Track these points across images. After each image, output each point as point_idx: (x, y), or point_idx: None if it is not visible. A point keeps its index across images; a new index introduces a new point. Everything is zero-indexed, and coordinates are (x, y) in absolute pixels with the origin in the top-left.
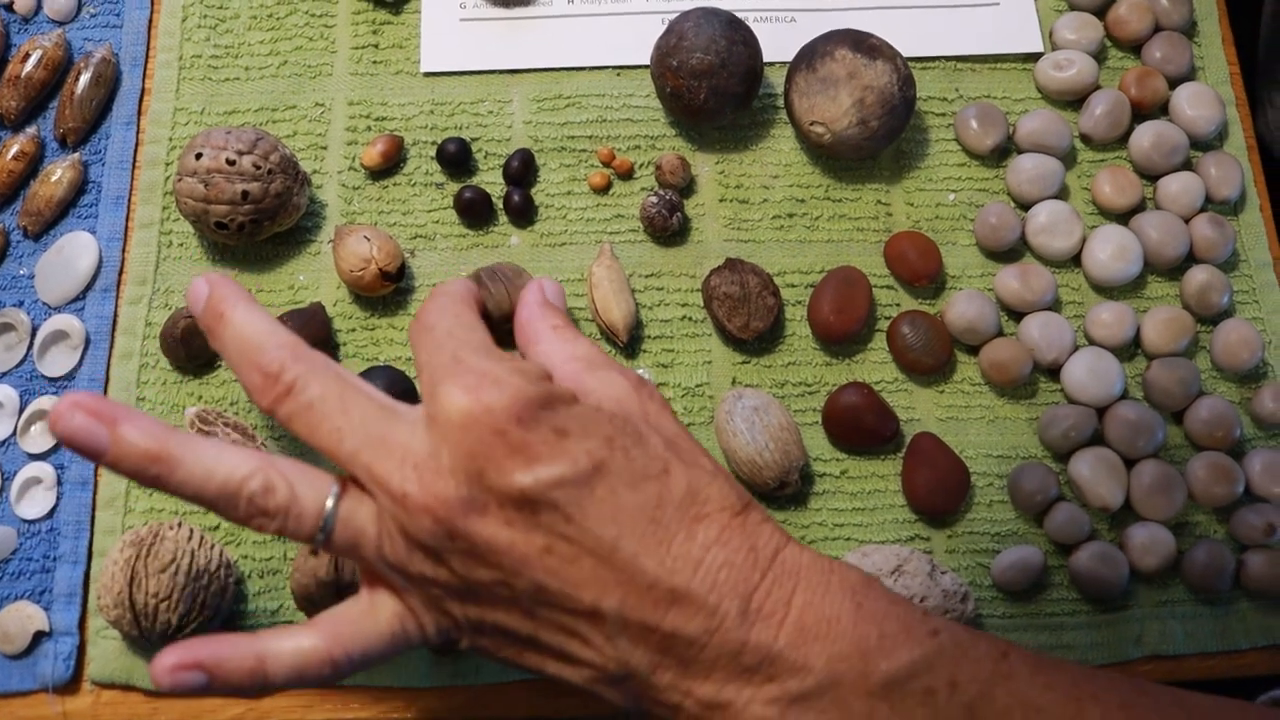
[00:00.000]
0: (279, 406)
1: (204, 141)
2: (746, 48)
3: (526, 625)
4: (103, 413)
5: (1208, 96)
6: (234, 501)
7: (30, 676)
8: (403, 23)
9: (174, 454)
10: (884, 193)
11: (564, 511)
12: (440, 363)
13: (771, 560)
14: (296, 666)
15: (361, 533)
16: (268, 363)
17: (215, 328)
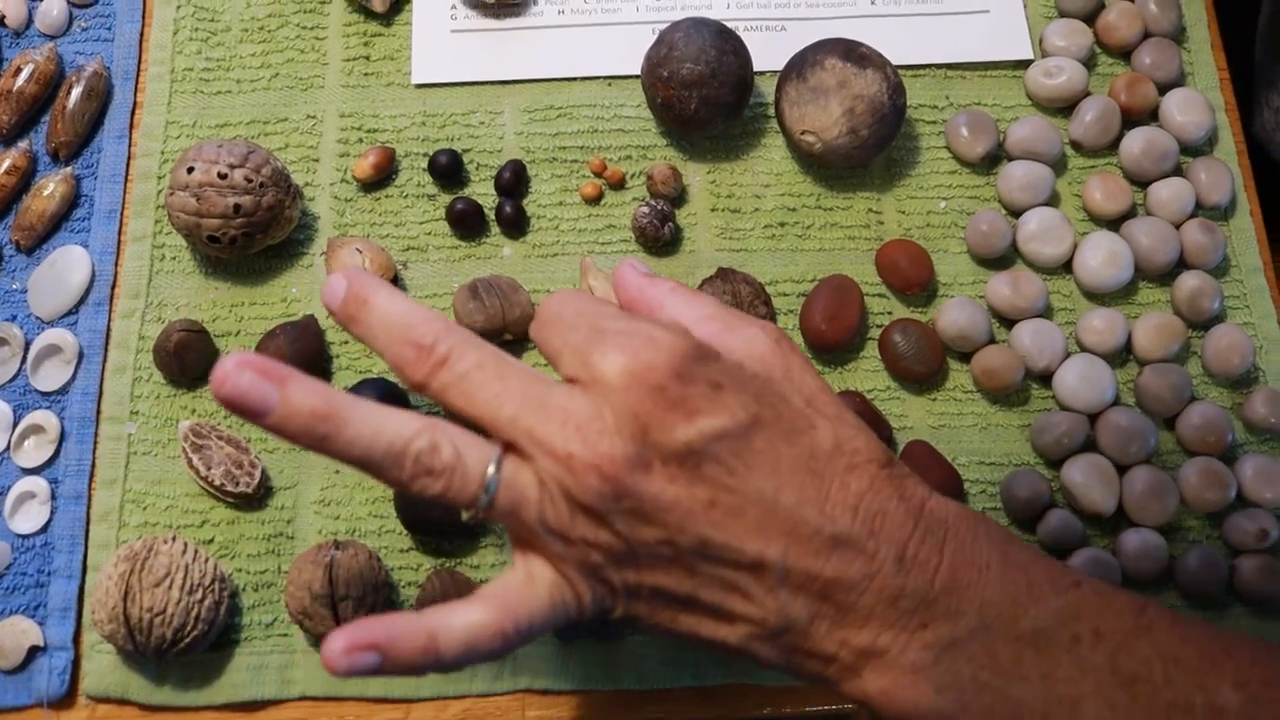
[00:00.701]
0: (434, 378)
1: (195, 155)
2: (737, 57)
3: (687, 584)
4: (270, 371)
5: (1197, 102)
6: (400, 461)
7: (25, 692)
8: (394, 34)
9: (342, 413)
10: (875, 201)
11: (726, 464)
12: (582, 336)
13: (920, 510)
14: (468, 641)
15: (523, 496)
16: (421, 336)
17: (359, 314)
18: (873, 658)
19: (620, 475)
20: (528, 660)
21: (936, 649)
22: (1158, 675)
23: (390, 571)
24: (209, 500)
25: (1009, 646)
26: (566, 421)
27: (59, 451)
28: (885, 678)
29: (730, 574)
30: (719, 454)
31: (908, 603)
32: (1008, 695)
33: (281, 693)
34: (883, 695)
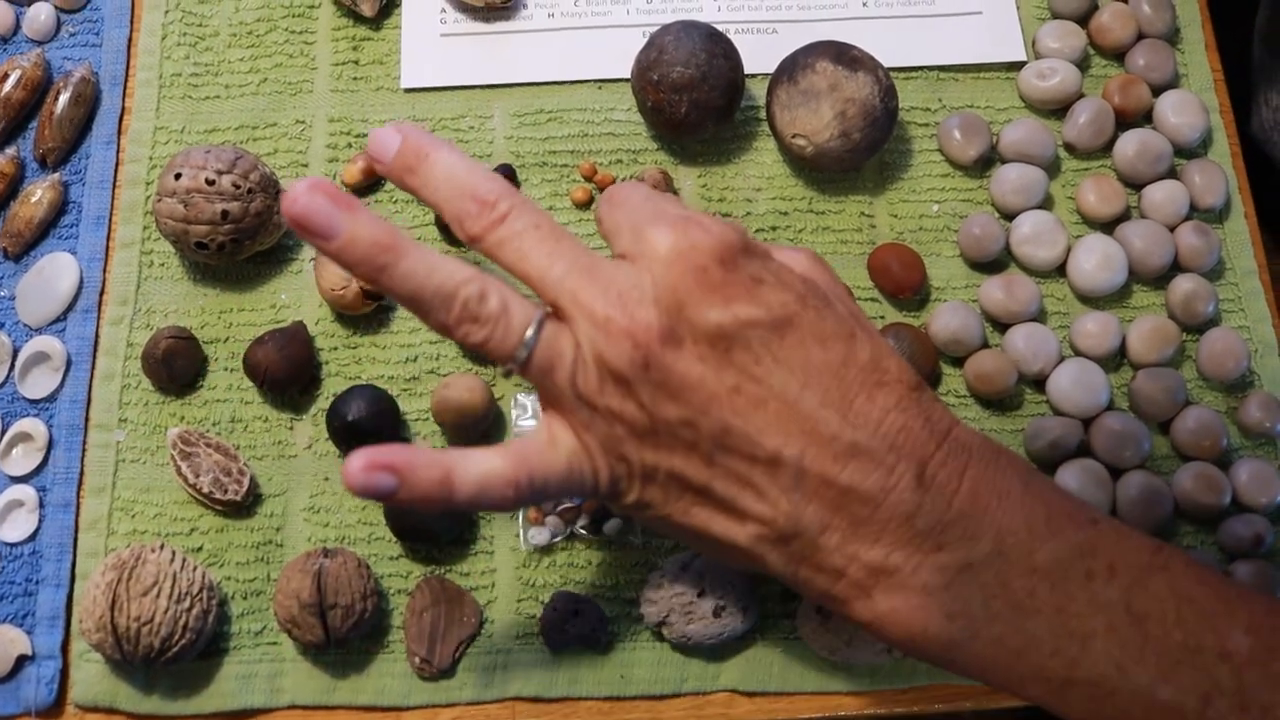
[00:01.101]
0: (492, 232)
1: (183, 161)
2: (727, 60)
3: (703, 473)
4: (340, 198)
5: (1192, 104)
6: (449, 303)
7: (13, 700)
8: (383, 38)
9: (402, 245)
10: (867, 204)
11: (754, 352)
12: (642, 215)
13: (945, 434)
14: (481, 483)
15: (560, 356)
16: (485, 191)
17: (418, 165)
18: (883, 576)
19: (652, 345)
20: (517, 668)
21: (950, 572)
22: (1170, 615)
23: (379, 579)
24: (198, 508)
25: (1023, 577)
26: (609, 288)
27: (47, 459)
28: (895, 598)
29: (746, 468)
30: (750, 340)
31: (923, 522)
32: (1019, 626)
33: (270, 701)
34: (891, 616)
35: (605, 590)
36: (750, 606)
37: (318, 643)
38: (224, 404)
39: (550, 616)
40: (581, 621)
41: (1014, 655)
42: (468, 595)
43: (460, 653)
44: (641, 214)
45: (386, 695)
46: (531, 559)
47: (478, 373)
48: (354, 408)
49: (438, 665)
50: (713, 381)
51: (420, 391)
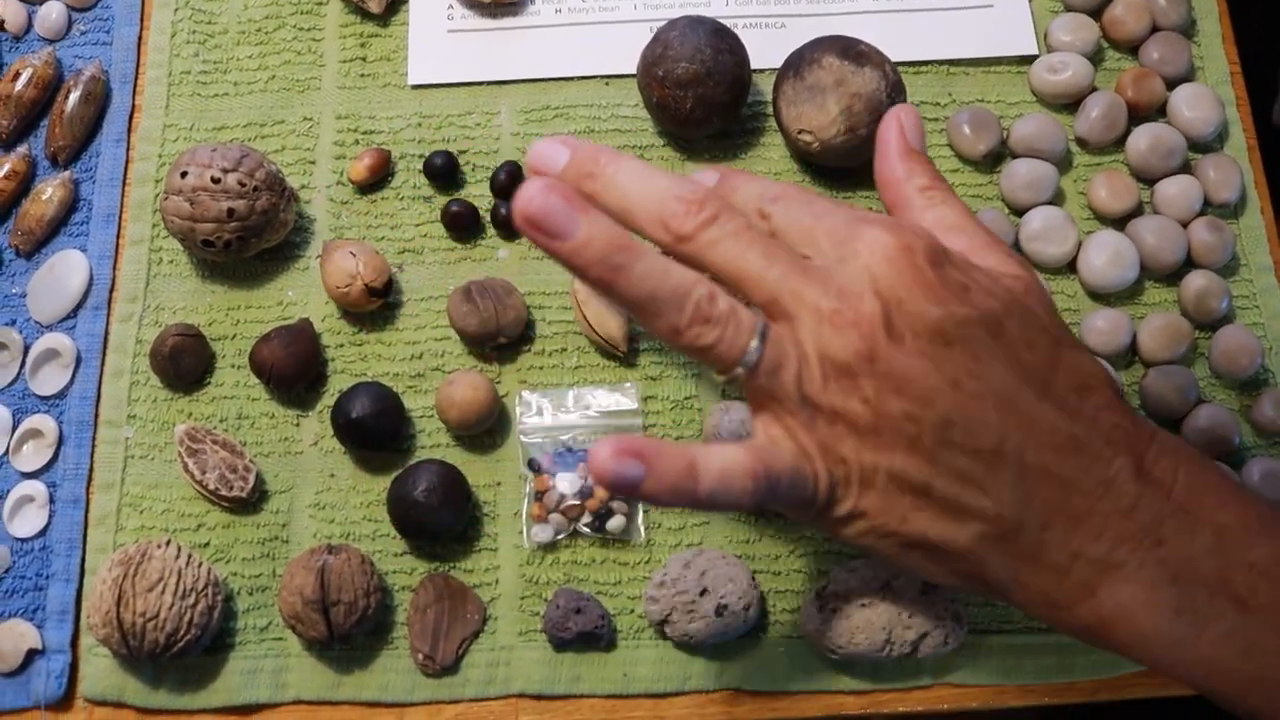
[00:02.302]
0: (703, 231)
1: (189, 160)
2: (733, 56)
3: (924, 470)
4: (574, 198)
5: (1207, 97)
6: (682, 304)
7: (23, 694)
8: (390, 35)
9: (638, 246)
10: (875, 200)
11: (971, 350)
12: (841, 218)
13: (1153, 434)
14: (723, 475)
15: (785, 355)
16: (689, 192)
17: (599, 170)
18: (1109, 571)
19: (876, 336)
20: (520, 665)
21: (1173, 565)
22: None
23: (383, 576)
24: (205, 504)
25: (1243, 573)
26: (829, 283)
27: (57, 455)
28: (1122, 593)
29: (968, 462)
30: (967, 338)
31: (1144, 516)
32: (1243, 623)
33: (276, 696)
34: (1120, 614)
35: (608, 588)
36: (753, 605)
37: (321, 639)
38: (231, 401)
39: (553, 614)
40: (584, 619)
41: (1241, 655)
42: (471, 592)
43: (463, 649)
44: (838, 217)
45: (390, 691)
46: (535, 556)
47: (482, 370)
48: (359, 405)
49: (441, 662)
50: (934, 375)
51: (425, 388)
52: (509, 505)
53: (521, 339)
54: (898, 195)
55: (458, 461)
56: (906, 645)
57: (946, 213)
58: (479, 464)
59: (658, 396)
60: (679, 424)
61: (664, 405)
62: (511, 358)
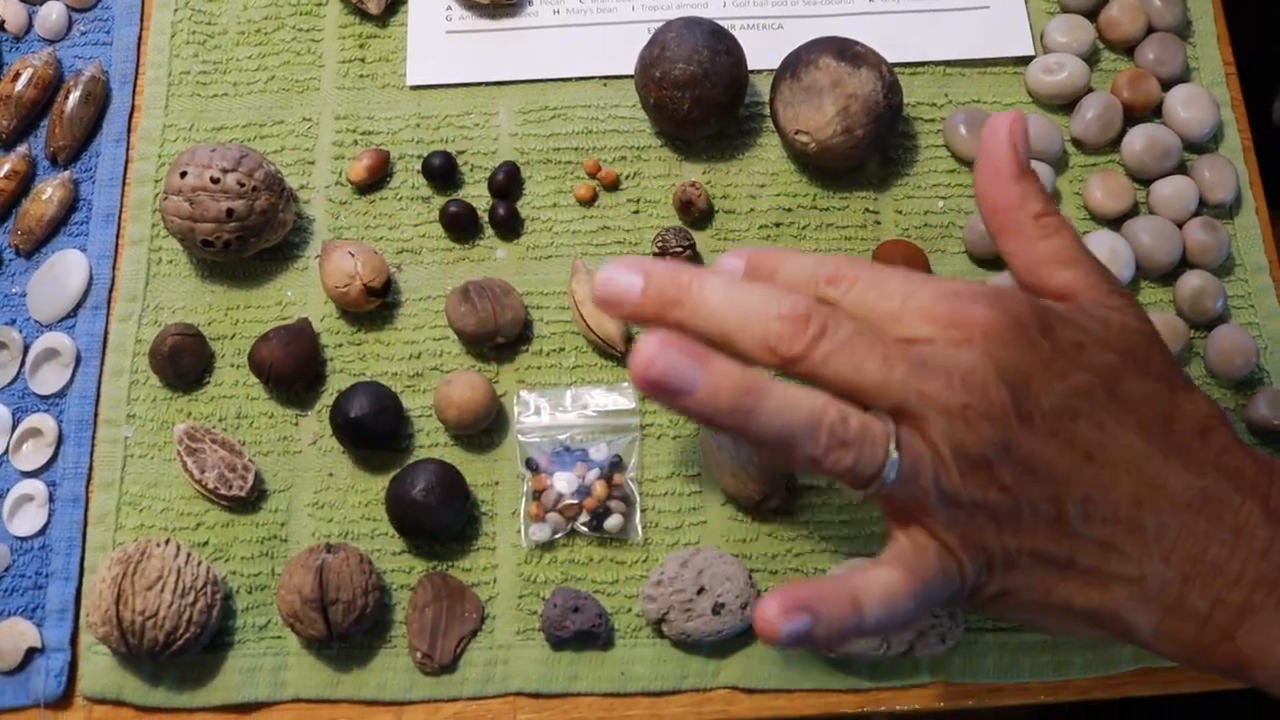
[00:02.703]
0: (816, 348)
1: (188, 160)
2: (730, 57)
3: (1066, 545)
4: (691, 349)
5: (1202, 98)
6: (816, 432)
7: (23, 692)
8: (389, 36)
9: (763, 385)
10: (872, 200)
11: (1097, 418)
12: (927, 297)
13: (1270, 468)
14: (886, 600)
15: (920, 460)
16: (789, 308)
17: (683, 295)
18: (1247, 615)
19: (1009, 423)
20: (518, 664)
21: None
22: None
23: (382, 575)
24: (204, 503)
25: None
26: (952, 376)
27: (57, 454)
28: (1262, 635)
29: (1109, 532)
30: (1091, 410)
31: (1277, 556)
32: None
33: (275, 694)
34: (1259, 655)
35: (605, 587)
36: (750, 604)
37: (320, 637)
38: (230, 400)
39: (551, 613)
40: (582, 618)
41: None
42: (469, 591)
43: (462, 648)
44: (923, 293)
45: (388, 690)
46: (532, 555)
47: (480, 370)
48: (358, 404)
49: (439, 660)
50: (1068, 453)
51: (423, 388)
52: (507, 504)
53: (519, 339)
54: (1009, 221)
55: (456, 461)
56: (903, 644)
57: (1061, 245)
58: (477, 463)
59: None
60: (675, 423)
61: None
62: (509, 357)
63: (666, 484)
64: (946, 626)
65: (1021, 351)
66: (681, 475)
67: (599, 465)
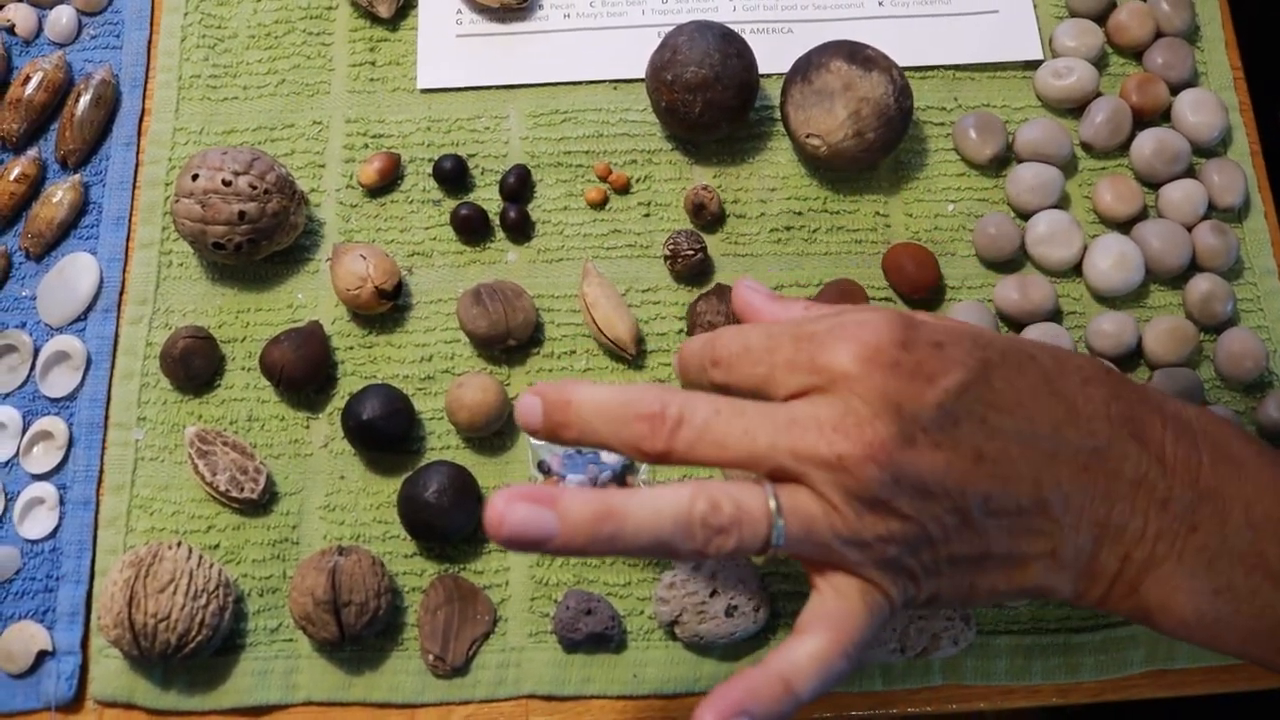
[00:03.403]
0: (676, 440)
1: (200, 163)
2: (741, 60)
3: (978, 543)
4: (538, 495)
5: (1210, 102)
6: (690, 531)
7: (34, 696)
8: (400, 39)
9: (618, 507)
10: (882, 204)
11: (977, 415)
12: (789, 351)
13: (1164, 413)
14: (819, 672)
15: (810, 517)
16: (646, 406)
17: (566, 417)
18: (1151, 568)
19: (894, 456)
20: (530, 667)
21: (1208, 553)
22: None
23: (394, 577)
24: (215, 506)
25: (1276, 547)
26: (822, 427)
27: (67, 457)
28: (1164, 586)
29: (1015, 520)
30: (970, 408)
31: (1177, 506)
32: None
33: (286, 697)
34: (1162, 606)
35: (618, 589)
36: (762, 606)
37: (332, 640)
38: (241, 403)
39: (563, 615)
40: (595, 620)
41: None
42: (481, 593)
43: (474, 650)
44: (785, 351)
45: (400, 692)
46: (544, 558)
47: (491, 372)
48: (369, 406)
49: (451, 663)
50: (959, 461)
51: (435, 391)
52: None
53: (530, 341)
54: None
55: (467, 463)
56: (917, 646)
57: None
58: (488, 466)
59: None
60: None
61: None
62: (521, 360)
63: None
64: (959, 629)
65: (886, 378)
66: (693, 477)
67: (611, 468)
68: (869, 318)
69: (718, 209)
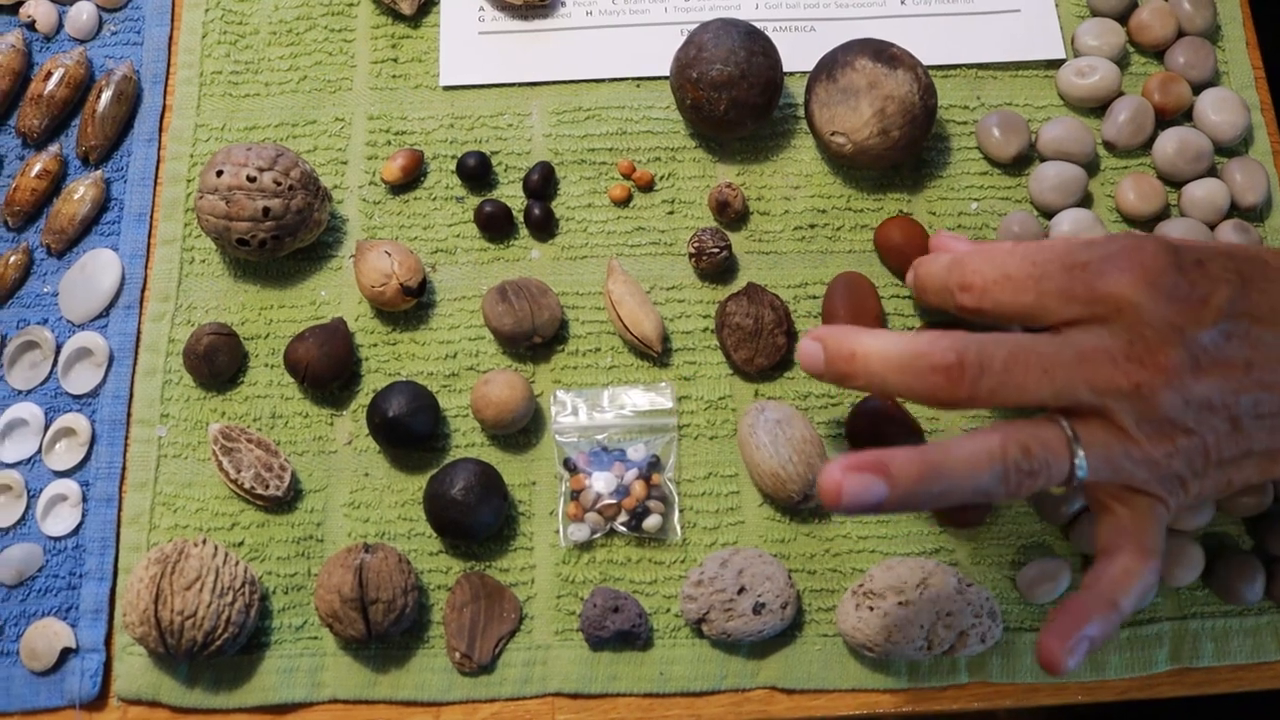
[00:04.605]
0: (978, 389)
1: (224, 158)
2: (766, 58)
3: (1243, 443)
4: (867, 462)
5: (1232, 101)
6: (1006, 478)
7: (58, 693)
8: (421, 36)
9: (940, 461)
10: (906, 202)
11: (1244, 327)
12: (1061, 279)
13: None
14: (1136, 585)
15: (1107, 447)
16: (940, 358)
17: (849, 368)
18: None
19: (1185, 380)
20: (557, 664)
21: None
22: None
23: (420, 574)
24: (239, 503)
25: None
26: (1115, 359)
27: (90, 454)
28: None
29: (1276, 419)
30: (1237, 322)
31: None
32: None
33: (312, 695)
34: None
35: (645, 587)
36: (790, 604)
37: (359, 637)
38: (265, 400)
39: (590, 613)
40: (621, 618)
41: None
42: (507, 591)
43: (500, 648)
44: (1056, 279)
45: (426, 690)
46: (571, 555)
47: (517, 369)
48: (394, 403)
49: (478, 660)
50: (1233, 373)
51: (460, 388)
52: (544, 504)
53: (555, 339)
54: None
55: (492, 461)
56: (944, 643)
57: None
58: (514, 463)
59: (692, 396)
60: (713, 423)
61: (698, 405)
62: (545, 357)
63: (704, 484)
64: (986, 626)
65: (1167, 304)
66: (719, 475)
67: (637, 465)
68: (1138, 244)
69: (741, 207)
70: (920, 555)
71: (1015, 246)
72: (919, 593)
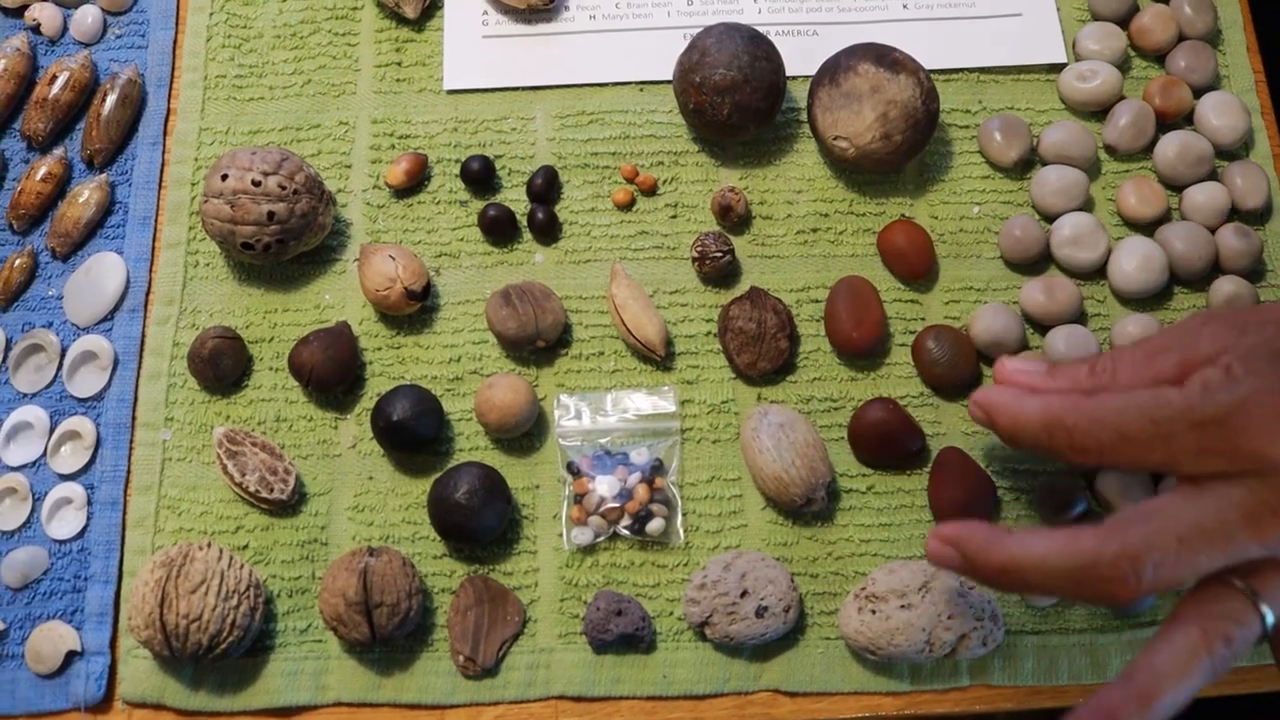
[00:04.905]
0: (1154, 584)
1: (229, 162)
2: (769, 63)
3: None
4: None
5: (1233, 105)
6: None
7: (63, 696)
8: (425, 40)
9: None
10: (908, 206)
11: None
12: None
13: None
14: None
15: None
16: (1111, 569)
17: (1002, 580)
18: None
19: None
20: (560, 667)
21: None
22: None
23: (424, 578)
24: (243, 506)
25: None
26: (1275, 510)
27: (95, 457)
28: None
29: None
30: None
31: None
32: None
33: (316, 698)
34: None
35: (648, 590)
36: (792, 607)
37: (363, 640)
38: (269, 403)
39: (594, 616)
40: (624, 621)
41: None
42: (511, 594)
43: (504, 651)
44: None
45: (430, 693)
46: (574, 559)
47: (521, 373)
48: (399, 407)
49: (481, 664)
50: None
51: (463, 391)
52: (548, 508)
53: (559, 343)
54: None
55: (496, 464)
56: (946, 646)
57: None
58: (517, 467)
59: (695, 400)
60: (716, 427)
61: (701, 409)
62: (549, 361)
63: (707, 488)
64: (988, 629)
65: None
66: (722, 479)
67: (640, 469)
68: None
69: (744, 211)
70: (922, 558)
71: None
72: (921, 596)
